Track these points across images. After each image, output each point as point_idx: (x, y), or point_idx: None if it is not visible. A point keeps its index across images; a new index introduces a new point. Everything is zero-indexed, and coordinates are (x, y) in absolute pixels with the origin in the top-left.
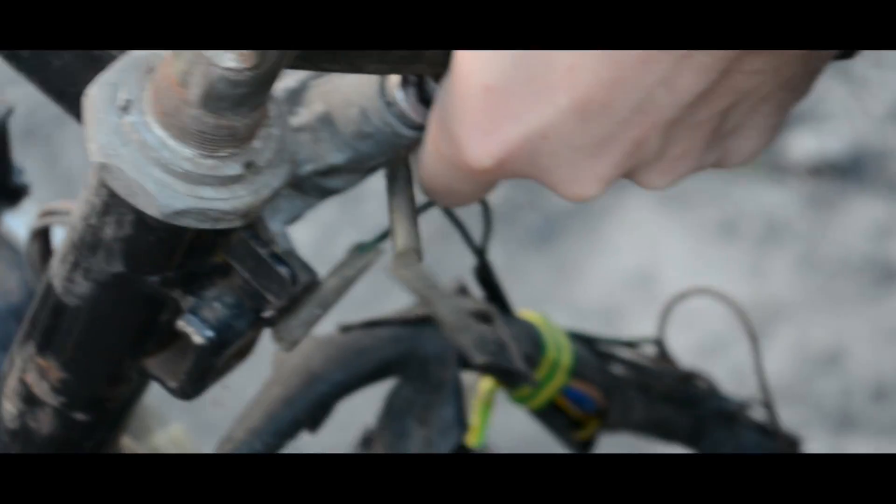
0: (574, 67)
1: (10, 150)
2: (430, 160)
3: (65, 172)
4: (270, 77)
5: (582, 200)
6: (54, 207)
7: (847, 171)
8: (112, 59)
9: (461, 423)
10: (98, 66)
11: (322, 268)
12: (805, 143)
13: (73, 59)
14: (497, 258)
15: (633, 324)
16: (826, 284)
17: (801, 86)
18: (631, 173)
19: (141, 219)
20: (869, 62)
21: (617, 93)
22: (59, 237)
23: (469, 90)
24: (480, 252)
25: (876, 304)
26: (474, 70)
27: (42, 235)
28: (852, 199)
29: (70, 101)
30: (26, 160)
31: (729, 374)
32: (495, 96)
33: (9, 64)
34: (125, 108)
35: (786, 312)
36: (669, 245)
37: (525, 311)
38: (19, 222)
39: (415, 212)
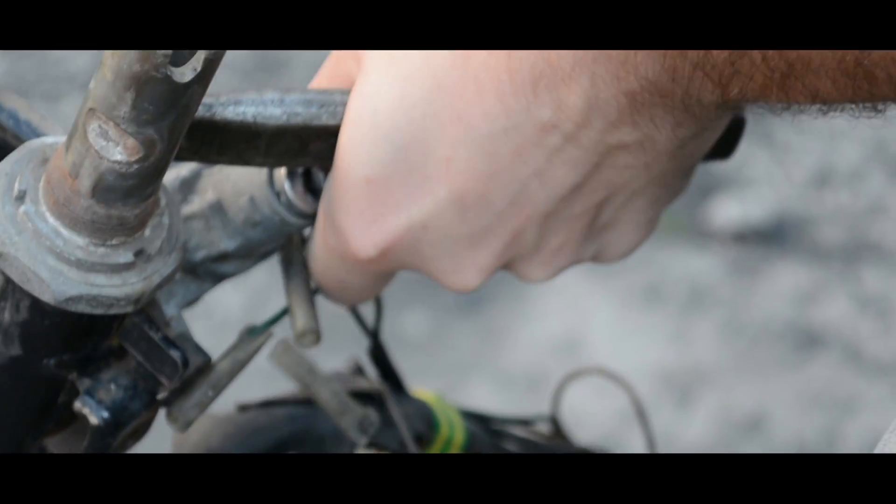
0: (451, 160)
1: None
2: (319, 253)
3: None
4: (158, 169)
5: (464, 291)
6: None
7: (770, 236)
8: (11, 148)
9: None
10: None
11: None
12: (729, 209)
13: None
14: (424, 323)
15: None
16: (749, 350)
17: (674, 182)
18: (510, 265)
19: (36, 304)
20: (791, 129)
21: (493, 184)
22: None
23: (352, 182)
24: (374, 334)
25: (798, 370)
26: (356, 162)
27: None
28: (775, 264)
29: None
30: None
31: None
32: (377, 187)
33: None
34: (20, 198)
35: (709, 377)
36: (595, 311)
37: (419, 390)
38: None
39: (311, 293)
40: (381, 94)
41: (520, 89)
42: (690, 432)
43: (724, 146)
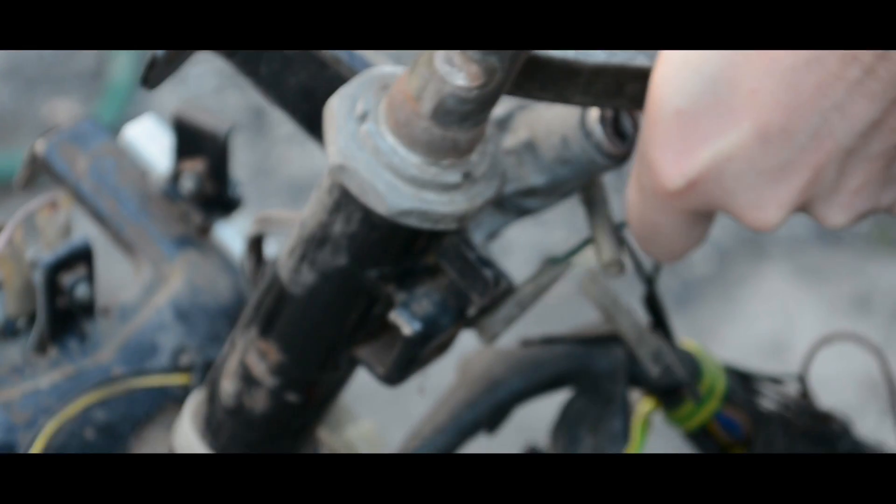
0: (756, 91)
1: (228, 166)
2: (633, 196)
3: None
4: (494, 97)
5: (765, 228)
6: (269, 215)
7: None
8: (342, 78)
9: (626, 435)
10: (329, 85)
11: None
12: None
13: (307, 78)
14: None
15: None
16: None
17: None
18: (810, 205)
19: (368, 216)
20: None
21: (795, 117)
22: (271, 247)
23: (662, 114)
24: (650, 281)
25: None
26: (667, 95)
27: (257, 243)
28: None
29: (303, 114)
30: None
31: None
32: (686, 119)
33: (249, 81)
34: (362, 118)
35: None
36: (803, 316)
37: (685, 339)
38: (230, 231)
39: (614, 229)
40: None
41: None
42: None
43: None
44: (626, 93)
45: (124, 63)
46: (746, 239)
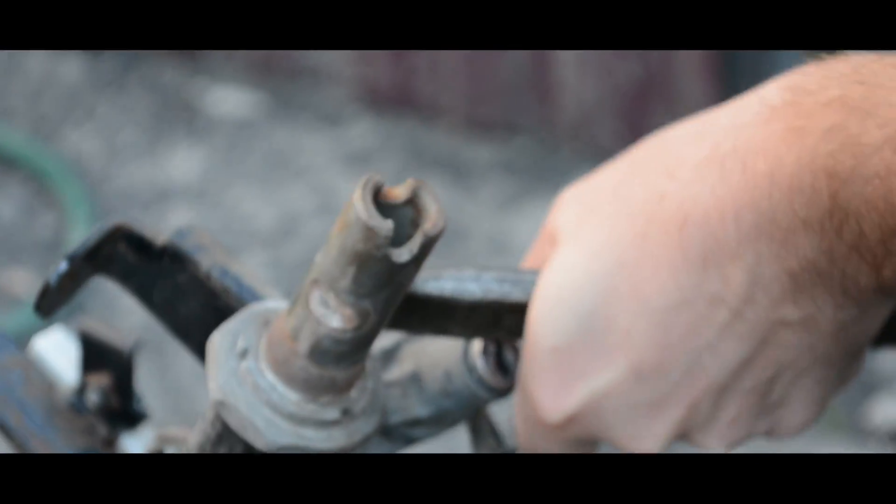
0: (629, 331)
1: (134, 380)
2: (518, 423)
3: (174, 382)
4: (369, 338)
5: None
6: (169, 434)
7: None
8: (231, 308)
9: None
10: (218, 315)
11: None
12: (887, 409)
13: (197, 307)
14: None
15: None
16: None
17: (841, 364)
18: (688, 435)
19: (250, 450)
20: None
21: (668, 355)
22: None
23: (540, 351)
24: None
25: None
26: (543, 332)
27: None
28: None
29: (195, 342)
30: (140, 371)
31: None
32: (562, 356)
33: (142, 304)
34: (243, 355)
35: None
36: None
37: None
38: (135, 444)
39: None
40: (568, 269)
41: (691, 265)
42: None
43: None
44: (504, 325)
45: (82, 232)
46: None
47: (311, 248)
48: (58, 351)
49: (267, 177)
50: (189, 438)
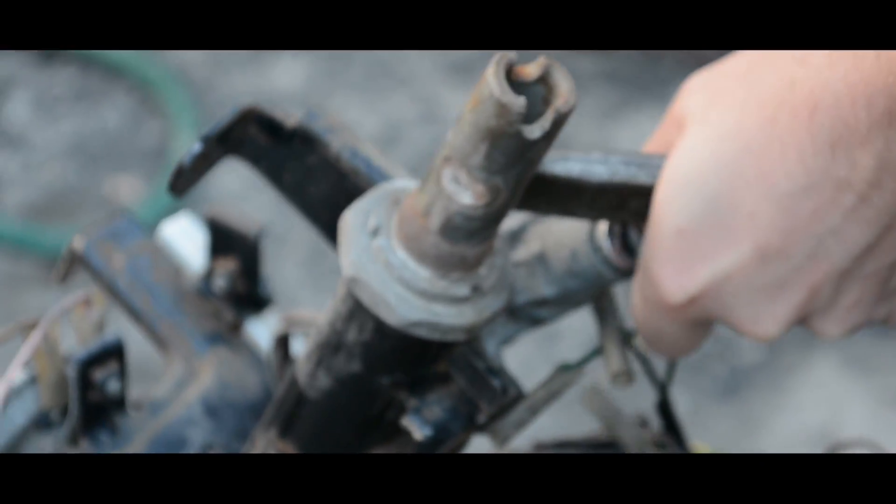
0: (754, 214)
1: (259, 265)
2: (637, 303)
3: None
4: (500, 214)
5: (764, 340)
6: (296, 316)
7: None
8: (360, 189)
9: None
10: (348, 195)
11: None
12: None
13: (327, 188)
14: (683, 405)
15: None
16: None
17: None
18: (807, 319)
19: (380, 326)
20: None
21: (792, 239)
22: (298, 345)
23: (665, 233)
24: (663, 387)
25: None
26: (669, 214)
27: (283, 342)
28: None
29: (323, 223)
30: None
31: None
32: (687, 238)
33: (274, 188)
34: (374, 233)
35: None
36: (852, 407)
37: (697, 443)
38: (260, 328)
39: (623, 340)
40: (696, 154)
41: (819, 150)
42: None
43: None
44: (630, 208)
45: (187, 140)
46: (796, 328)
47: (416, 156)
48: (184, 237)
49: (369, 86)
50: (318, 319)
